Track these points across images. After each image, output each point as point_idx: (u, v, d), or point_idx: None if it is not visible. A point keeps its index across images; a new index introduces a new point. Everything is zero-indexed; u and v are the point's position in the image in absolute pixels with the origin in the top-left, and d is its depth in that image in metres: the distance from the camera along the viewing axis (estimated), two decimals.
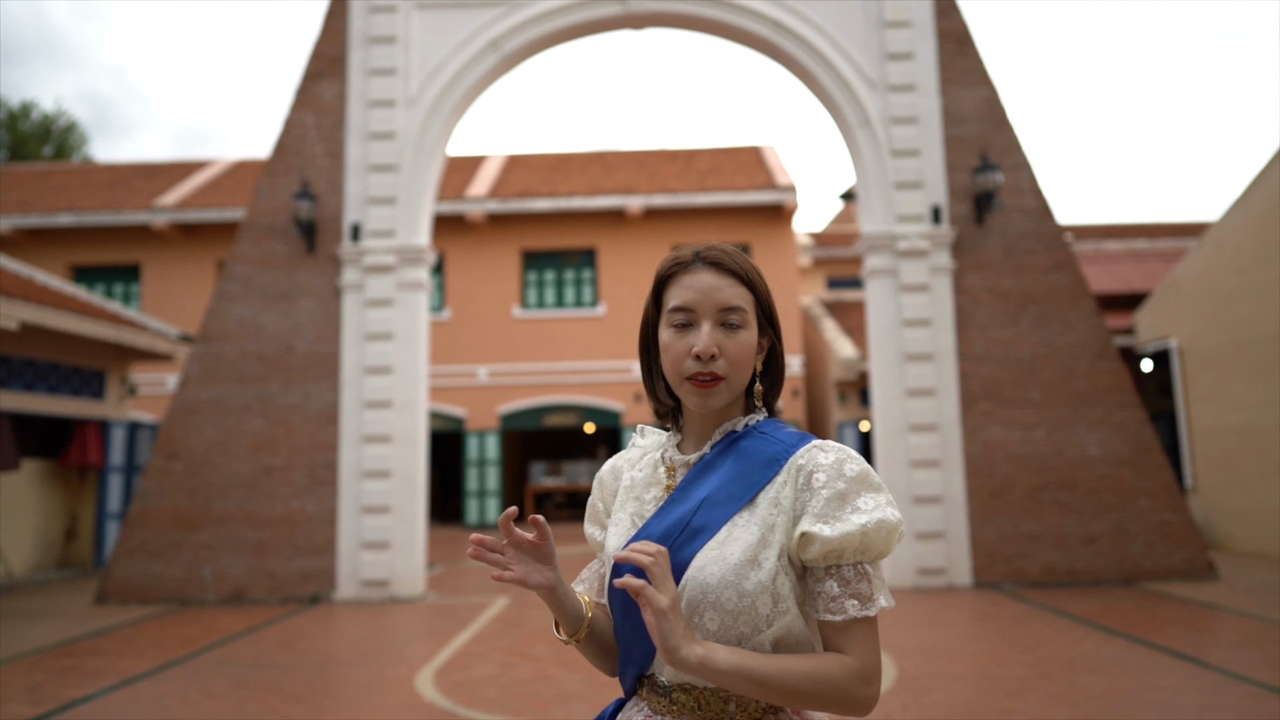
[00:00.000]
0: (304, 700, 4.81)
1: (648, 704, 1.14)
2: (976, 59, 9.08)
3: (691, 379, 1.15)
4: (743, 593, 1.05)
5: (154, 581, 8.38)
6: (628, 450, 1.32)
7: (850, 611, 1.06)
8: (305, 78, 9.20)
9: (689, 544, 1.10)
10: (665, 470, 1.22)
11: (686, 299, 1.16)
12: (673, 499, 1.16)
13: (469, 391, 17.09)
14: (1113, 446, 8.47)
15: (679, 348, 1.16)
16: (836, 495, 1.08)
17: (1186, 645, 5.64)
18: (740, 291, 1.17)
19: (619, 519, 1.21)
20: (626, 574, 1.05)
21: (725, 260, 1.18)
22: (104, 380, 11.12)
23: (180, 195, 17.58)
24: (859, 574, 1.07)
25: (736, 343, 1.15)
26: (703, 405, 1.16)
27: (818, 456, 1.11)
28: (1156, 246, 17.41)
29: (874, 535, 1.06)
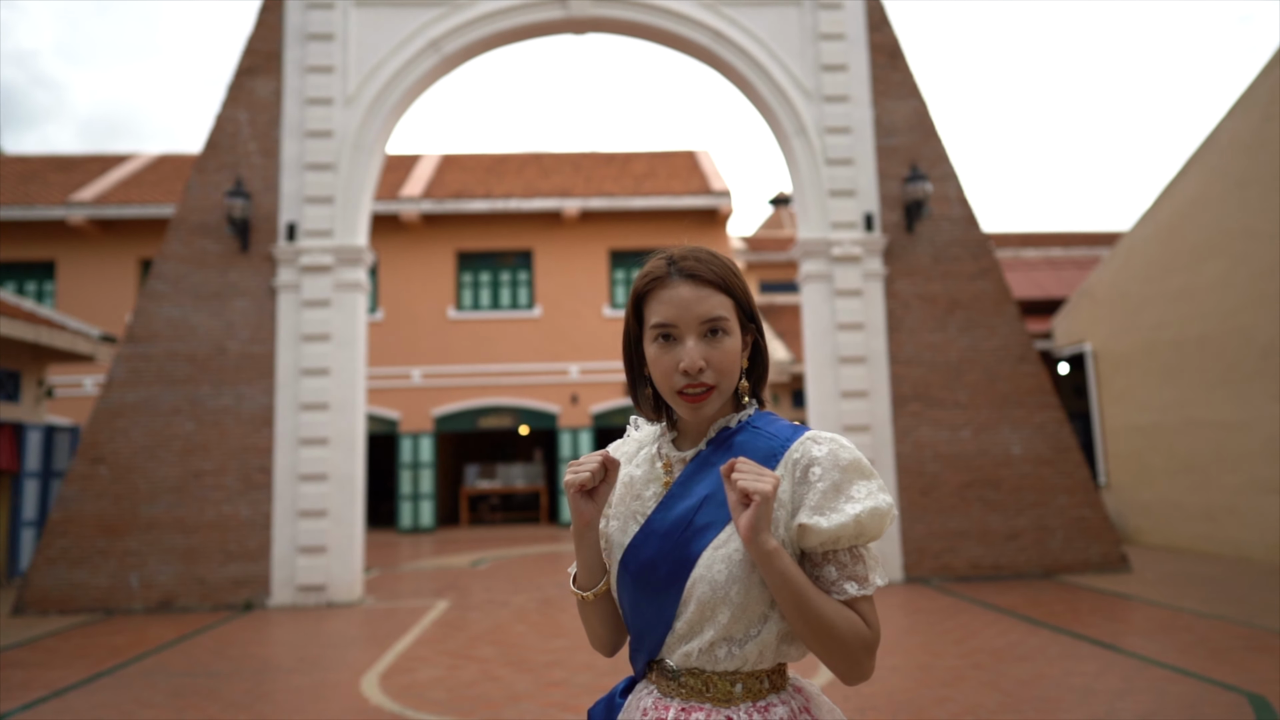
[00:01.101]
0: (246, 708, 4.73)
1: (657, 687, 1.21)
2: (907, 72, 9.41)
3: (682, 393, 1.19)
4: (750, 586, 1.13)
5: (77, 590, 8.07)
6: (623, 441, 1.35)
7: (850, 592, 1.13)
8: (238, 73, 8.99)
9: (694, 541, 1.16)
10: (662, 466, 1.27)
11: (667, 315, 1.19)
12: (673, 494, 1.22)
13: (403, 393, 16.86)
14: (1034, 446, 8.88)
15: (665, 363, 1.19)
16: (832, 486, 1.15)
17: (1104, 634, 5.97)
18: (720, 300, 1.20)
19: (620, 513, 1.26)
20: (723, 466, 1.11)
21: (701, 270, 1.20)
22: (19, 382, 10.64)
23: (99, 190, 16.89)
24: (854, 557, 1.15)
25: (722, 351, 1.19)
26: (695, 415, 1.21)
27: (812, 449, 1.18)
28: (1071, 254, 18.24)
29: (868, 522, 1.14)
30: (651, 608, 1.17)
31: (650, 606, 1.17)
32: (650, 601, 1.17)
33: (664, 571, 1.16)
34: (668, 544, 1.17)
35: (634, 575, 1.18)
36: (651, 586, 1.16)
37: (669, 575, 1.15)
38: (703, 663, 1.16)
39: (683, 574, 1.15)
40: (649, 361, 1.23)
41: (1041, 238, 21.91)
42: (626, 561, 1.20)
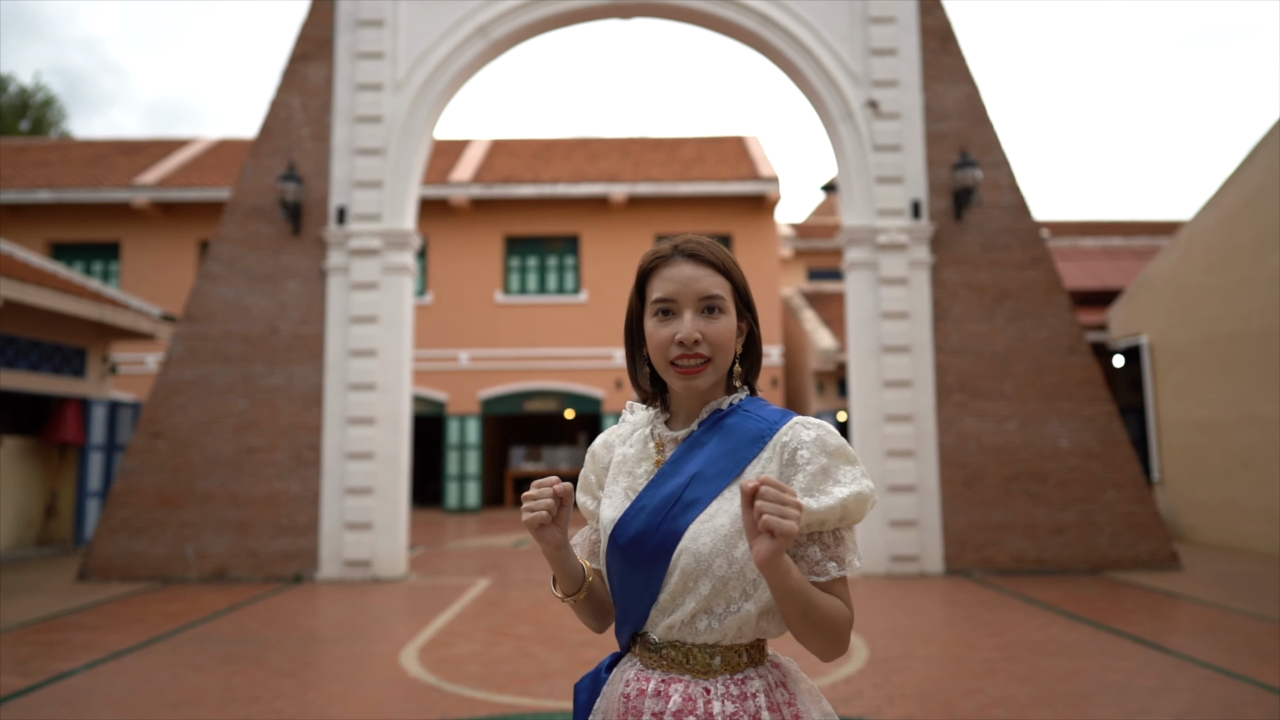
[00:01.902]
0: (290, 675, 4.91)
1: (640, 659, 1.26)
2: (959, 56, 9.22)
3: (676, 364, 1.25)
4: (732, 560, 1.17)
5: (136, 559, 8.41)
6: (619, 425, 1.41)
7: (832, 573, 1.18)
8: (292, 59, 9.19)
9: (682, 516, 1.20)
10: (655, 445, 1.32)
11: (668, 290, 1.26)
12: (664, 472, 1.26)
13: (450, 376, 17.14)
14: (1082, 439, 8.70)
15: (663, 335, 1.26)
16: (819, 470, 1.19)
17: (1147, 631, 5.86)
18: (718, 280, 1.27)
19: (612, 491, 1.31)
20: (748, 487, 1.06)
21: (702, 252, 1.28)
22: (85, 358, 11.09)
23: (161, 173, 17.43)
24: (837, 539, 1.20)
25: (717, 327, 1.25)
26: (689, 388, 1.26)
27: (800, 433, 1.23)
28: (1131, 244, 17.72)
29: (852, 506, 1.18)
30: (638, 580, 1.22)
31: (637, 579, 1.22)
32: (637, 574, 1.22)
33: (652, 545, 1.20)
34: (657, 518, 1.21)
35: (623, 549, 1.23)
36: (639, 560, 1.21)
37: (656, 548, 1.20)
38: (683, 635, 1.20)
39: (670, 546, 1.19)
40: (648, 335, 1.29)
41: (1101, 226, 21.32)
42: (616, 535, 1.24)
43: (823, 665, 5.03)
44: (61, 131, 30.97)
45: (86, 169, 17.93)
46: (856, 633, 5.91)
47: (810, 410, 17.24)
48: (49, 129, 30.50)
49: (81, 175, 17.47)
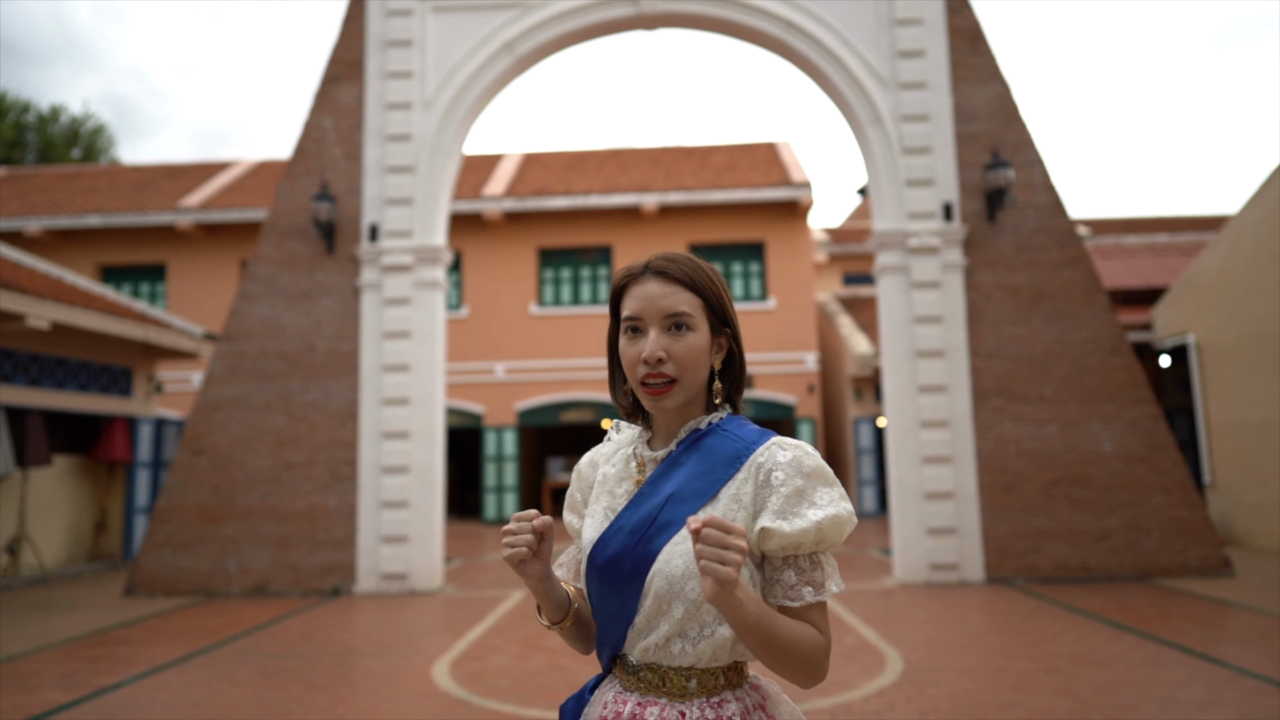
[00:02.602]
0: (323, 689, 4.97)
1: (619, 680, 1.25)
2: (988, 55, 9.09)
3: (644, 384, 1.24)
4: None
5: (180, 574, 8.60)
6: (603, 444, 1.41)
7: (807, 598, 1.16)
8: (324, 81, 9.37)
9: (657, 537, 1.19)
10: (636, 465, 1.31)
11: (635, 309, 1.25)
12: (642, 493, 1.25)
13: (487, 388, 17.27)
14: (1126, 443, 8.48)
15: (631, 354, 1.25)
16: (794, 492, 1.17)
17: (1195, 641, 5.67)
18: (685, 297, 1.25)
19: (594, 510, 1.31)
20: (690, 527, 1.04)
21: (670, 269, 1.26)
22: (131, 378, 11.38)
23: (204, 196, 17.88)
24: (814, 563, 1.18)
25: (684, 345, 1.23)
26: (657, 408, 1.25)
27: (776, 454, 1.21)
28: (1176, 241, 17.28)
29: (828, 529, 1.16)
30: (615, 602, 1.21)
31: (614, 601, 1.21)
32: (614, 596, 1.21)
33: (628, 566, 1.19)
34: (633, 540, 1.20)
35: (600, 570, 1.22)
36: (616, 581, 1.20)
37: (632, 570, 1.19)
38: (659, 658, 1.19)
39: (644, 568, 1.18)
40: (620, 353, 1.28)
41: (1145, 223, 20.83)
42: (594, 556, 1.24)
43: (851, 678, 4.95)
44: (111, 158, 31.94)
45: (133, 194, 18.45)
46: (891, 643, 5.81)
47: (848, 416, 17.06)
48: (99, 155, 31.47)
49: (129, 200, 17.99)
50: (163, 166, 20.77)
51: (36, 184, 19.70)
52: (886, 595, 7.89)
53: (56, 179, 20.09)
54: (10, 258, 10.24)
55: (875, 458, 16.51)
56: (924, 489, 8.43)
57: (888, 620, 6.73)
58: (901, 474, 8.55)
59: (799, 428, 16.91)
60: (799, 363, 17.02)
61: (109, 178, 20.11)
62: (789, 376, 17.01)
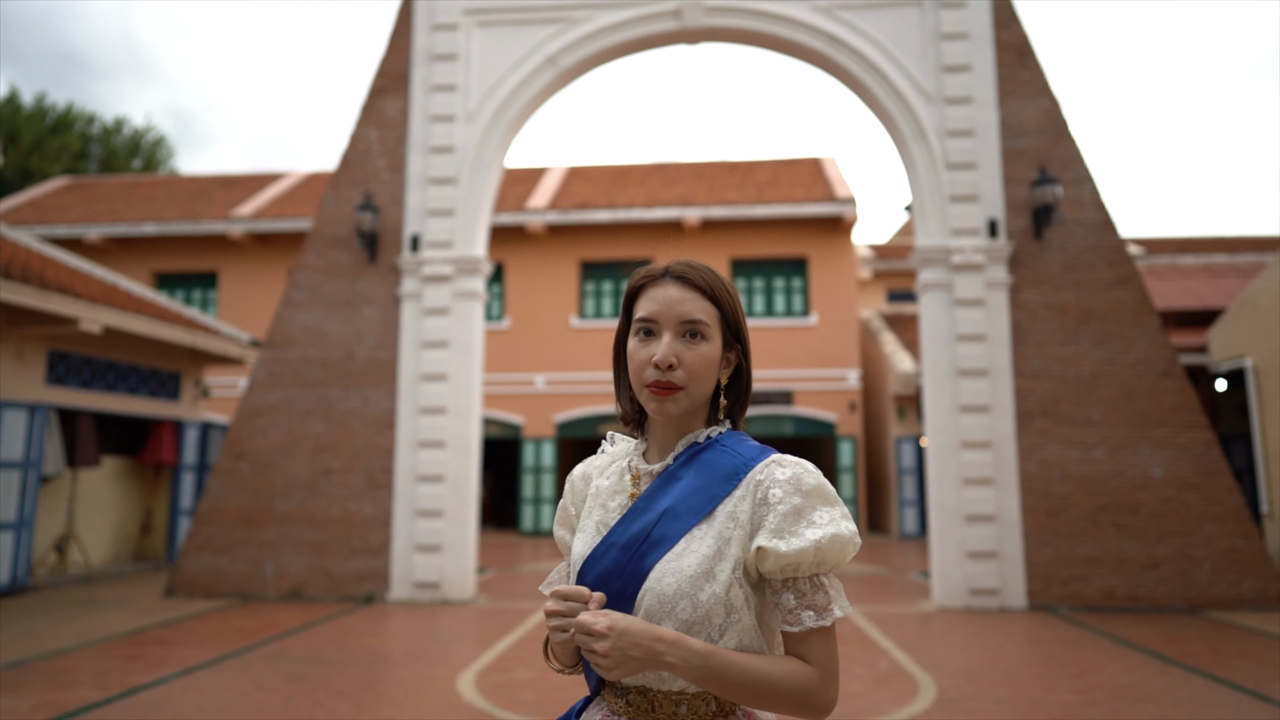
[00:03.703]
0: (349, 696, 4.98)
1: (607, 704, 1.21)
2: (1037, 70, 8.91)
3: (651, 386, 1.20)
4: (697, 603, 1.10)
5: (219, 576, 8.73)
6: (597, 456, 1.37)
7: (807, 622, 1.10)
8: (371, 94, 9.54)
9: (650, 554, 1.15)
10: (630, 479, 1.27)
11: (650, 310, 1.22)
12: (636, 508, 1.21)
13: (526, 399, 17.35)
14: (1178, 469, 8.19)
15: (641, 356, 1.21)
16: (792, 510, 1.12)
17: (1247, 678, 5.43)
18: (703, 305, 1.21)
19: (585, 525, 1.26)
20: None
21: (691, 275, 1.23)
22: (179, 382, 11.65)
23: (256, 206, 18.31)
24: (815, 586, 1.12)
25: (696, 354, 1.19)
26: (661, 412, 1.21)
27: (775, 472, 1.16)
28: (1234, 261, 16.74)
29: (828, 549, 1.10)
30: None
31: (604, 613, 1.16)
32: None
33: (618, 584, 1.15)
34: (625, 556, 1.16)
35: (591, 587, 1.18)
36: (608, 599, 1.16)
37: (623, 588, 1.14)
38: (649, 681, 1.14)
39: (635, 586, 1.14)
40: (629, 355, 1.25)
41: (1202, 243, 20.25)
42: (584, 573, 1.19)
43: (883, 704, 4.82)
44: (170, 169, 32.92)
45: (188, 203, 18.97)
46: (925, 669, 5.66)
47: (890, 435, 16.78)
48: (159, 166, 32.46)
49: (184, 209, 18.50)
50: (217, 177, 21.34)
51: (97, 193, 20.37)
52: (924, 620, 7.70)
53: (116, 188, 20.75)
54: (67, 263, 10.57)
55: (917, 478, 16.21)
56: (964, 511, 8.23)
57: (923, 645, 6.56)
58: (941, 495, 8.36)
59: (840, 446, 16.68)
60: (841, 380, 16.81)
61: (166, 187, 20.71)
62: (830, 394, 16.80)
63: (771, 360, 16.78)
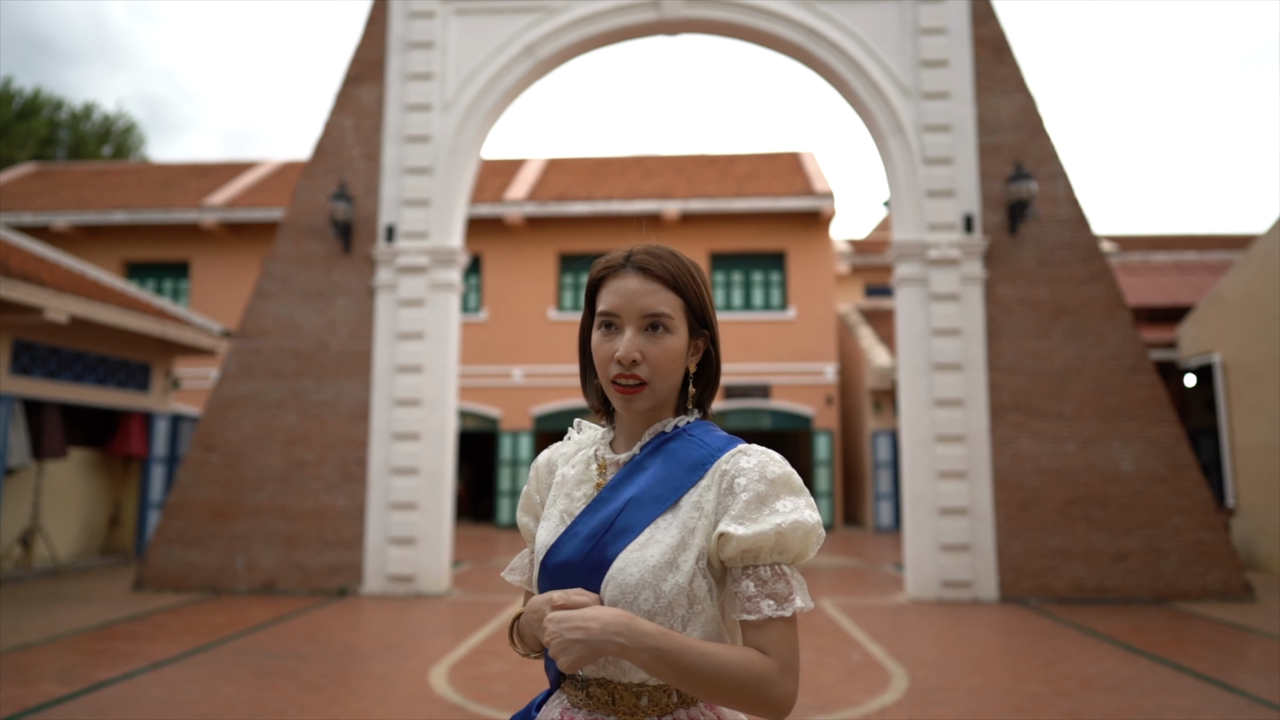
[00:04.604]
0: (319, 690, 4.93)
1: (567, 696, 1.18)
2: (1013, 66, 8.97)
3: (615, 383, 1.17)
4: (659, 594, 1.09)
5: (189, 570, 8.62)
6: (562, 444, 1.34)
7: (765, 611, 1.07)
8: (345, 82, 9.42)
9: (613, 544, 1.13)
10: (597, 468, 1.24)
11: (611, 304, 1.19)
12: (601, 497, 1.19)
13: (504, 392, 17.28)
14: (1147, 462, 8.30)
15: (604, 351, 1.18)
16: (756, 498, 1.10)
17: (1211, 667, 5.51)
18: (666, 297, 1.18)
19: (550, 513, 1.24)
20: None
21: (652, 265, 1.19)
22: (149, 373, 11.48)
23: (228, 195, 18.06)
24: (776, 574, 1.09)
25: (660, 348, 1.17)
26: (627, 408, 1.19)
27: (741, 461, 1.14)
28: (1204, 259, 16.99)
29: (790, 536, 1.08)
30: None
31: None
32: None
33: (581, 574, 1.13)
34: (587, 546, 1.14)
35: (551, 576, 1.16)
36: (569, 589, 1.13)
37: (585, 577, 1.13)
38: (609, 673, 1.12)
39: (598, 576, 1.12)
40: (593, 348, 1.22)
41: (1173, 240, 20.52)
42: (546, 561, 1.17)
43: (854, 695, 4.85)
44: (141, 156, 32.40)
45: (160, 191, 18.68)
46: (897, 660, 5.70)
47: (867, 429, 16.89)
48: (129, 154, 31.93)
49: (155, 197, 18.21)
50: (189, 165, 21.03)
51: (66, 180, 20.00)
52: (897, 611, 7.75)
53: (85, 175, 20.39)
54: (33, 251, 10.36)
55: (893, 471, 16.33)
56: (938, 504, 8.29)
57: (896, 637, 6.60)
58: (916, 489, 8.42)
59: (816, 440, 16.77)
60: (818, 374, 16.88)
61: (136, 175, 20.38)
62: (807, 388, 16.87)
63: (749, 354, 16.82)
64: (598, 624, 1.02)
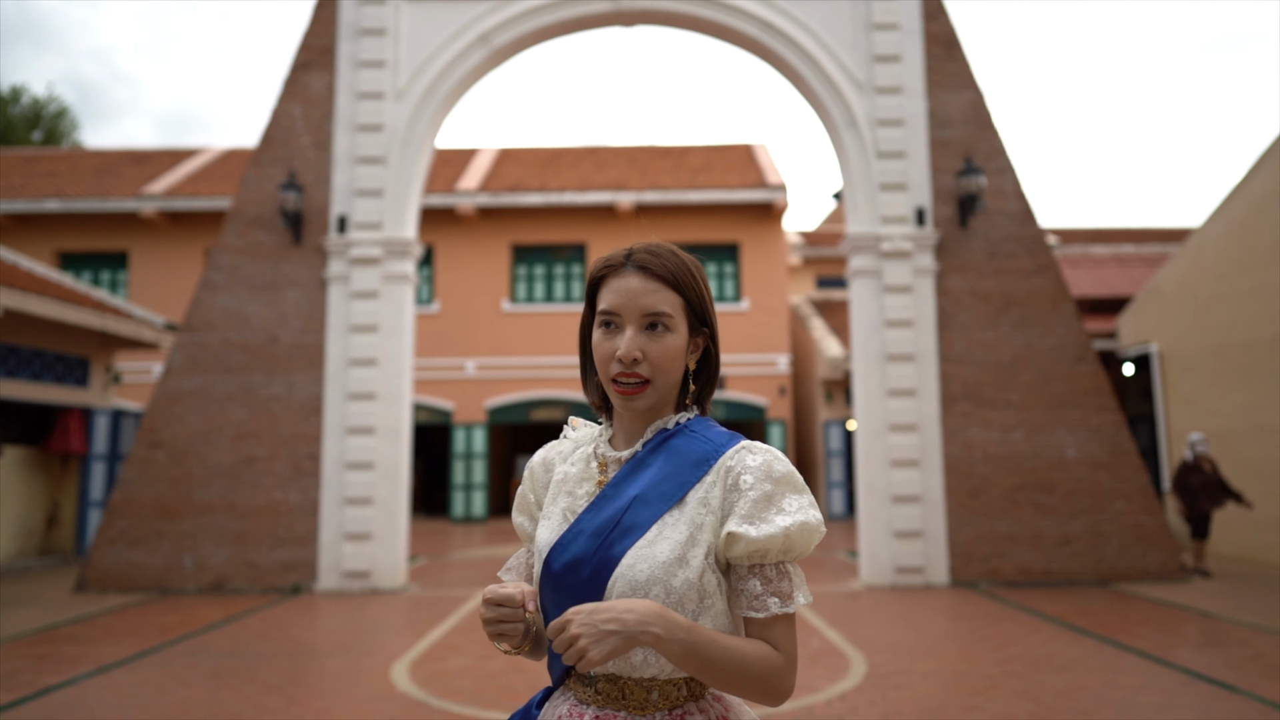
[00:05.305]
0: (278, 690, 4.85)
1: (574, 693, 1.18)
2: (963, 62, 9.14)
3: (616, 381, 1.18)
4: (670, 589, 1.10)
5: (134, 570, 8.39)
6: (559, 442, 1.34)
7: (772, 609, 1.10)
8: (294, 68, 9.20)
9: (620, 541, 1.13)
10: (597, 466, 1.25)
11: (612, 303, 1.19)
12: (604, 495, 1.19)
13: (457, 385, 17.11)
14: (1090, 449, 8.57)
15: (605, 349, 1.19)
16: (763, 497, 1.12)
17: (1152, 645, 5.73)
18: (667, 296, 1.19)
19: (550, 512, 1.24)
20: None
21: (652, 264, 1.19)
22: (88, 368, 11.11)
23: (169, 183, 17.52)
24: (780, 573, 1.12)
25: (661, 347, 1.17)
26: (628, 407, 1.20)
27: (746, 459, 1.15)
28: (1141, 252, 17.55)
29: (796, 536, 1.11)
30: None
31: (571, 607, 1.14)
32: (573, 602, 1.14)
33: (588, 572, 1.13)
34: (594, 543, 1.14)
35: (556, 575, 1.16)
36: (574, 588, 1.14)
37: (592, 575, 1.13)
38: (619, 668, 1.13)
39: (605, 573, 1.12)
40: (594, 346, 1.22)
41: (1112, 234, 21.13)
42: (550, 560, 1.17)
43: (815, 681, 4.93)
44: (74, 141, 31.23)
45: (95, 179, 18.03)
46: (855, 646, 5.81)
47: (819, 419, 17.12)
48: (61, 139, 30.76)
49: (90, 185, 17.57)
50: (127, 152, 20.33)
51: None
52: (852, 598, 7.90)
53: (15, 162, 19.58)
54: None
55: (844, 460, 16.59)
56: (892, 492, 8.45)
57: (853, 623, 6.73)
58: (870, 477, 8.57)
59: (769, 429, 16.95)
60: (771, 365, 17.05)
61: (70, 162, 19.65)
62: (761, 378, 17.04)
63: None
64: (634, 615, 1.02)
